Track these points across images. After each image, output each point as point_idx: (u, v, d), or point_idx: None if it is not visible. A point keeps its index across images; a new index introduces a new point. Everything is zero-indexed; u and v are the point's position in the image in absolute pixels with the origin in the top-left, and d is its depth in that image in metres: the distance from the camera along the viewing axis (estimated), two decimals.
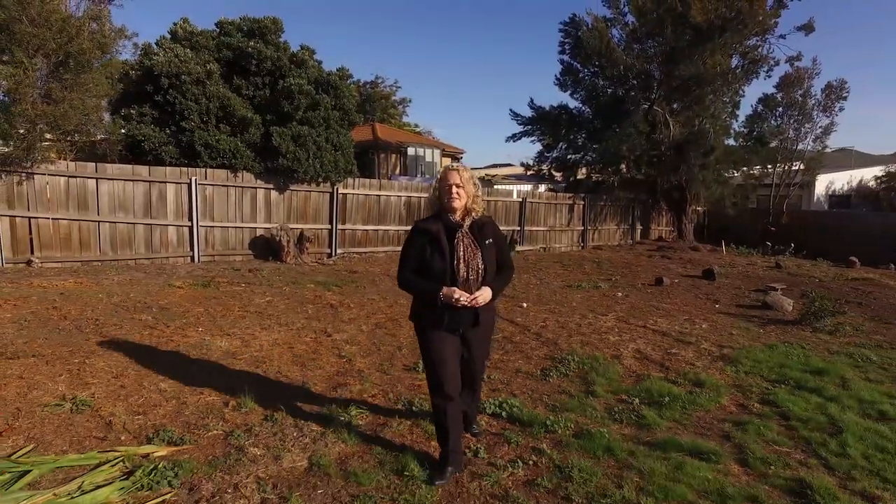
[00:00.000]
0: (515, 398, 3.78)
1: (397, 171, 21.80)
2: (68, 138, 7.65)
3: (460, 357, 2.78)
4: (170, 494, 2.36)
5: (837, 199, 23.10)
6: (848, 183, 23.39)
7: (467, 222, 2.67)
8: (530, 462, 2.91)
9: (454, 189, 2.62)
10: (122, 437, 2.78)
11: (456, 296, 2.54)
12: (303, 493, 2.48)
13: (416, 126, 35.69)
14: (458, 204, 2.64)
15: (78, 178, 8.09)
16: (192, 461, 2.67)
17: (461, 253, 2.61)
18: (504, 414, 3.51)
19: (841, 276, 11.49)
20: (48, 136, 7.83)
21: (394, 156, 22.13)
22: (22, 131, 7.52)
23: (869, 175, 22.82)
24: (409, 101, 36.72)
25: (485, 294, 2.59)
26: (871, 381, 4.58)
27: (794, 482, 2.81)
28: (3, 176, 7.26)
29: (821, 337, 6.12)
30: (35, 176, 7.67)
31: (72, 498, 2.16)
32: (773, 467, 2.97)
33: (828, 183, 22.87)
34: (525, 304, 7.25)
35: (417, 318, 2.78)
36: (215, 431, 3.05)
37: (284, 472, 2.67)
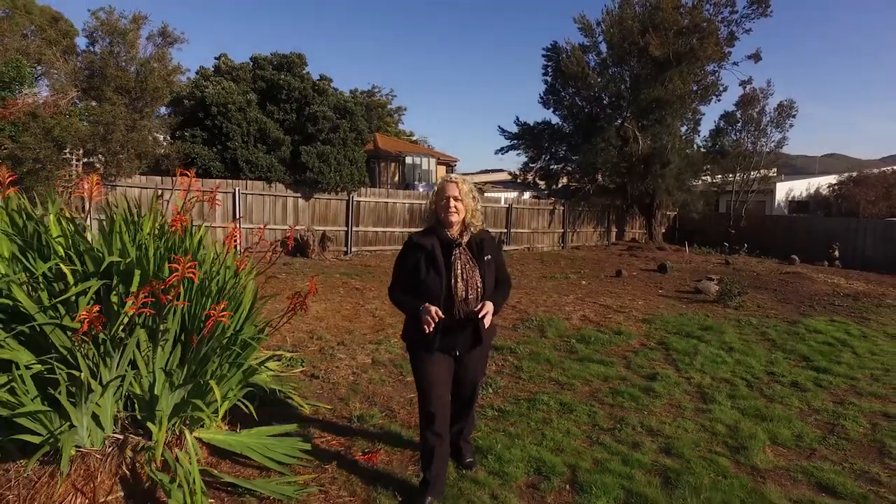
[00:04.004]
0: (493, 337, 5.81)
1: (396, 179, 23.81)
2: (143, 158, 9.60)
3: (454, 379, 2.63)
4: (303, 369, 4.39)
5: (797, 205, 25.38)
6: (807, 189, 25.72)
7: (465, 238, 2.54)
8: (500, 364, 4.95)
9: (452, 202, 2.49)
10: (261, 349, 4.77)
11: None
12: (373, 370, 4.51)
13: (412, 134, 37.71)
14: (455, 218, 2.51)
15: (148, 189, 10.07)
16: (307, 358, 4.68)
17: (458, 271, 2.48)
18: None
19: (777, 271, 13.61)
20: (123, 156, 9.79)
21: (393, 164, 24.13)
22: (104, 151, 9.51)
23: (824, 183, 25.17)
24: (405, 109, 38.76)
25: (487, 307, 2.44)
26: (740, 333, 6.64)
27: (651, 372, 4.86)
28: None
29: (727, 311, 8.19)
30: (117, 187, 9.64)
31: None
32: (643, 368, 5.02)
33: (787, 190, 25.18)
34: None
35: (409, 338, 2.63)
36: (312, 348, 5.07)
37: (358, 364, 4.69)
